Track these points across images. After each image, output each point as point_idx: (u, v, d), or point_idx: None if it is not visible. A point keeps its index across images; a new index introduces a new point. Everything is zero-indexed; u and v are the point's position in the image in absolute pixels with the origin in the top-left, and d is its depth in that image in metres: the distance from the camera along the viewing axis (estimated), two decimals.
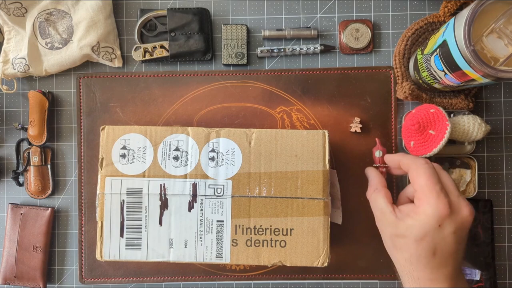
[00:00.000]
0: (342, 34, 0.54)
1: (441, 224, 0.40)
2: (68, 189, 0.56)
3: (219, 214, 0.46)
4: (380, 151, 0.49)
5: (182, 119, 0.54)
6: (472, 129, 0.48)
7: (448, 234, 0.40)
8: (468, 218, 0.41)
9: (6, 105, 0.56)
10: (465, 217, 0.41)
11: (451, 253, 0.41)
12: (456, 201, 0.41)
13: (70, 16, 0.54)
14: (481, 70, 0.39)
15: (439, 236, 0.40)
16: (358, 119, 0.53)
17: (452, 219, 0.40)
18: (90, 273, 0.55)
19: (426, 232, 0.40)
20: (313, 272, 0.54)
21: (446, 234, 0.40)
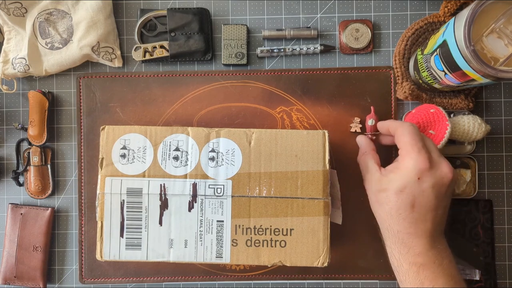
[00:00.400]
0: (342, 34, 0.54)
1: (420, 177, 0.42)
2: (68, 189, 0.56)
3: (219, 214, 0.46)
4: (373, 119, 0.51)
5: (182, 119, 0.54)
6: (472, 129, 0.48)
7: (426, 188, 0.42)
8: (447, 174, 0.42)
9: (6, 105, 0.56)
10: (444, 173, 0.42)
11: (430, 208, 0.42)
12: (436, 158, 0.43)
13: (70, 16, 0.54)
14: (481, 70, 0.39)
15: (418, 189, 0.42)
16: (358, 119, 0.53)
17: (431, 173, 0.42)
18: (90, 273, 0.55)
19: (406, 184, 0.42)
20: (313, 272, 0.54)
21: (425, 188, 0.42)
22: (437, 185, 0.42)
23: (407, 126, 0.44)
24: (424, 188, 0.42)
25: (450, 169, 0.43)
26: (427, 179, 0.42)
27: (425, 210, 0.43)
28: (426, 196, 0.42)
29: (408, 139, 0.43)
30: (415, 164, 0.42)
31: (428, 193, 0.42)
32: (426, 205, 0.42)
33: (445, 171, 0.43)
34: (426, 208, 0.42)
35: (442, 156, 0.44)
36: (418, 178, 0.42)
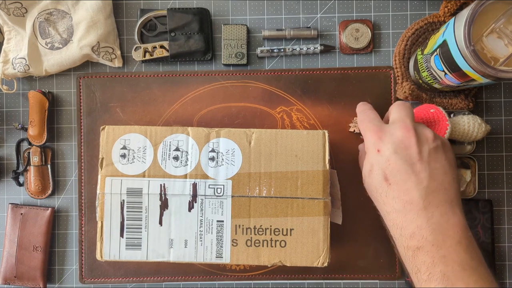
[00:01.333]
0: (342, 34, 0.54)
1: (379, 149, 0.41)
2: (68, 189, 0.56)
3: (219, 214, 0.46)
4: None
5: (182, 119, 0.54)
6: (472, 129, 0.48)
7: (389, 155, 0.40)
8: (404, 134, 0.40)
9: (6, 105, 0.56)
10: (400, 135, 0.40)
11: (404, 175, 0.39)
12: (391, 126, 0.41)
13: (70, 16, 0.54)
14: (481, 70, 0.39)
15: (382, 159, 0.40)
16: (357, 119, 0.53)
17: (387, 141, 0.40)
18: (90, 273, 0.55)
19: (371, 162, 0.41)
20: (313, 272, 0.54)
21: (388, 155, 0.40)
22: (399, 148, 0.39)
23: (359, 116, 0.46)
24: (387, 157, 0.40)
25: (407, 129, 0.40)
26: (385, 147, 0.40)
27: (401, 178, 0.39)
28: (393, 163, 0.39)
29: (362, 126, 0.44)
30: (369, 140, 0.42)
31: (393, 159, 0.39)
32: (399, 171, 0.39)
33: (401, 133, 0.40)
34: (400, 175, 0.39)
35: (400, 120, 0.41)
36: (377, 151, 0.41)
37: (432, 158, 0.39)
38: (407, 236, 0.38)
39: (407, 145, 0.40)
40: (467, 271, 0.35)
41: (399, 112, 0.43)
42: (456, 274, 0.35)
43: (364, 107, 0.47)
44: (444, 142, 0.42)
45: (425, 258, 0.36)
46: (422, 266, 0.36)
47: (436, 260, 0.35)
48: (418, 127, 0.41)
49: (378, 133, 0.41)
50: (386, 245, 0.53)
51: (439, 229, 0.36)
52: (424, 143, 0.40)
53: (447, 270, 0.35)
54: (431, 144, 0.40)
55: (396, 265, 0.53)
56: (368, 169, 0.42)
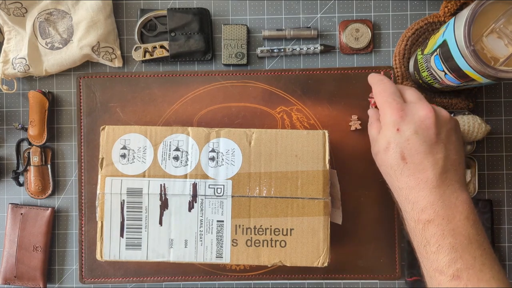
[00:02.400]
0: (342, 34, 0.54)
1: (399, 128, 0.41)
2: (68, 189, 0.56)
3: (219, 214, 0.46)
4: None
5: (182, 119, 0.54)
6: (472, 129, 0.48)
7: (410, 135, 0.40)
8: (427, 115, 0.40)
9: (6, 105, 0.56)
10: (422, 115, 0.40)
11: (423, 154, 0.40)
12: (412, 105, 0.42)
13: (70, 16, 0.54)
14: (481, 70, 0.39)
15: (402, 139, 0.40)
16: (355, 117, 0.53)
17: (408, 121, 0.40)
18: (90, 273, 0.55)
19: (389, 139, 0.41)
20: (313, 272, 0.54)
21: (408, 135, 0.40)
22: (420, 129, 0.40)
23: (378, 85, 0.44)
24: (407, 137, 0.40)
25: (429, 109, 0.41)
26: (406, 127, 0.40)
27: (418, 158, 0.40)
28: (413, 143, 0.40)
29: (379, 97, 0.43)
30: (390, 117, 0.41)
31: (413, 139, 0.40)
32: (417, 152, 0.40)
33: (423, 113, 0.40)
34: (418, 156, 0.40)
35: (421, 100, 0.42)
36: (397, 130, 0.41)
37: (448, 139, 0.41)
38: (419, 210, 0.39)
39: (428, 126, 0.40)
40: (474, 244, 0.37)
41: (413, 93, 0.44)
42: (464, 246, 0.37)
43: (380, 77, 0.46)
44: (456, 122, 0.43)
45: (435, 230, 0.38)
46: (432, 238, 0.38)
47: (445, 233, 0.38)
48: (436, 107, 0.42)
49: (399, 112, 0.41)
50: (386, 245, 0.53)
51: (450, 204, 0.39)
52: (443, 124, 0.41)
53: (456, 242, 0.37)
54: (448, 125, 0.41)
55: (396, 265, 0.53)
56: (384, 146, 0.42)
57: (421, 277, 0.42)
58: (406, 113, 0.41)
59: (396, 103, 0.42)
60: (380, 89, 0.44)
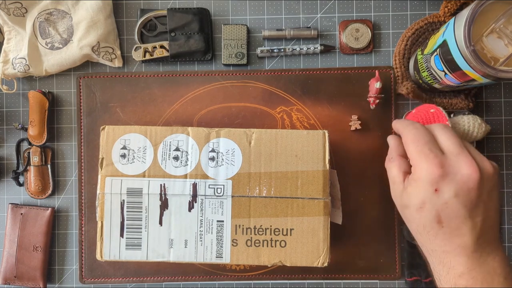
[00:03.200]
0: (342, 34, 0.54)
1: (438, 188, 0.36)
2: (68, 189, 0.56)
3: (219, 214, 0.46)
4: (380, 82, 0.50)
5: (182, 119, 0.54)
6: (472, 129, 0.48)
7: (449, 198, 0.36)
8: (471, 176, 0.36)
9: (6, 105, 0.56)
10: (466, 175, 0.36)
11: (462, 219, 0.36)
12: (453, 160, 0.37)
13: (70, 16, 0.54)
14: (481, 70, 0.39)
15: (440, 202, 0.36)
16: (355, 116, 0.53)
17: (449, 180, 0.36)
18: (90, 273, 0.55)
19: (424, 199, 0.37)
20: (313, 272, 0.54)
21: (447, 199, 0.36)
22: (462, 191, 0.36)
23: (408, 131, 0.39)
24: (446, 200, 0.36)
25: (474, 168, 0.36)
26: (447, 189, 0.36)
27: (456, 223, 0.36)
28: (451, 207, 0.36)
29: (412, 145, 0.38)
30: (427, 174, 0.36)
31: (453, 204, 0.36)
32: (455, 217, 0.36)
33: (467, 173, 0.36)
34: (456, 220, 0.36)
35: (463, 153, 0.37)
36: (435, 190, 0.36)
37: (489, 198, 0.37)
38: (456, 275, 0.37)
39: (470, 188, 0.36)
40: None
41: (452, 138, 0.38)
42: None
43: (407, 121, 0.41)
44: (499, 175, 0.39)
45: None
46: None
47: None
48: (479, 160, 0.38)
49: (439, 168, 0.36)
50: (386, 245, 0.53)
51: (488, 269, 0.36)
52: (486, 183, 0.37)
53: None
54: (491, 182, 0.37)
55: (396, 265, 0.53)
56: (418, 205, 0.37)
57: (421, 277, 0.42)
58: (447, 172, 0.36)
59: (434, 156, 0.37)
60: (412, 137, 0.39)
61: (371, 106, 0.52)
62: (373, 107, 0.52)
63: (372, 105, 0.52)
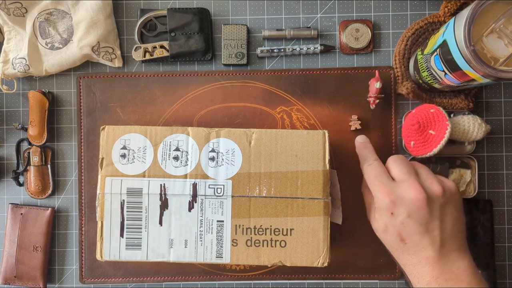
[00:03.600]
0: (342, 34, 0.54)
1: (393, 212, 0.42)
2: (68, 189, 0.56)
3: (219, 214, 0.46)
4: (380, 82, 0.51)
5: (182, 119, 0.54)
6: (472, 129, 0.48)
7: (404, 219, 0.41)
8: (416, 196, 0.41)
9: (6, 105, 0.56)
10: (412, 198, 0.41)
11: (419, 236, 0.41)
12: (401, 186, 0.42)
13: (70, 16, 0.54)
14: (481, 70, 0.39)
15: (397, 223, 0.42)
16: (355, 117, 0.53)
17: (399, 204, 0.41)
18: (90, 273, 0.55)
19: (385, 223, 0.43)
20: (313, 272, 0.54)
21: (402, 220, 0.41)
22: (413, 211, 0.41)
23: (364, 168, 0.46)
24: (401, 221, 0.41)
25: (418, 190, 0.41)
26: (399, 211, 0.41)
27: (416, 239, 0.41)
28: (408, 226, 0.41)
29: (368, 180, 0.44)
30: (381, 202, 0.42)
31: (408, 223, 0.41)
32: (414, 234, 0.41)
33: (413, 195, 0.41)
34: (416, 236, 0.41)
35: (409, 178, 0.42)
36: (391, 214, 0.42)
37: (443, 213, 0.42)
38: (424, 284, 0.41)
39: (420, 207, 0.41)
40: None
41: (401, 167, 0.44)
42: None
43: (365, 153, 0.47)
44: (451, 191, 0.43)
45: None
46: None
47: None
48: (425, 183, 0.42)
49: (389, 195, 0.42)
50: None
51: (452, 276, 0.40)
52: (435, 201, 0.42)
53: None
54: (441, 200, 0.42)
55: (396, 265, 0.53)
56: (382, 228, 0.43)
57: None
58: (397, 197, 0.42)
59: (385, 186, 0.42)
60: (368, 173, 0.45)
61: (371, 106, 0.52)
62: (373, 107, 0.52)
63: (372, 105, 0.52)
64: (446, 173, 0.52)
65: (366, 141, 0.49)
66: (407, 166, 0.44)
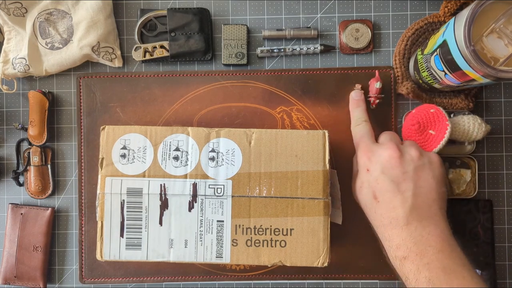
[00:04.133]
0: (342, 34, 0.54)
1: (369, 169, 0.44)
2: (68, 189, 0.56)
3: (219, 214, 0.46)
4: (380, 82, 0.51)
5: (182, 119, 0.54)
6: (472, 129, 0.48)
7: (378, 175, 0.43)
8: (391, 154, 0.42)
9: (6, 105, 0.56)
10: (386, 156, 0.43)
11: (391, 194, 0.42)
12: (380, 146, 0.44)
13: (70, 16, 0.54)
14: (481, 70, 0.39)
15: (372, 179, 0.43)
16: (359, 86, 0.53)
17: (375, 161, 0.43)
18: (90, 273, 0.55)
19: (362, 179, 0.45)
20: (313, 272, 0.54)
21: (376, 175, 0.43)
22: (386, 168, 0.42)
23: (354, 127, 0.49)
24: (375, 177, 0.43)
25: (393, 149, 0.43)
26: (374, 167, 0.43)
27: (388, 196, 0.42)
28: (381, 183, 0.42)
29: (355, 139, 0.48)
30: (360, 160, 0.45)
31: (381, 179, 0.42)
32: (386, 191, 0.42)
33: (388, 153, 0.43)
34: (387, 194, 0.42)
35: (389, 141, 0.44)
36: (367, 170, 0.44)
37: (417, 176, 0.42)
38: (394, 248, 0.41)
39: (393, 165, 0.42)
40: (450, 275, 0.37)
41: (386, 135, 0.46)
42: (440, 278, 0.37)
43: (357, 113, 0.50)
44: (431, 159, 0.44)
45: (411, 266, 0.39)
46: (409, 274, 0.39)
47: (420, 268, 0.38)
48: (405, 147, 0.44)
49: (367, 153, 0.45)
50: None
51: (421, 240, 0.39)
52: (409, 162, 0.43)
53: (432, 275, 0.38)
54: (416, 162, 0.43)
55: None
56: (359, 186, 0.45)
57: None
58: (373, 154, 0.44)
59: (365, 145, 0.45)
60: (355, 132, 0.48)
61: (371, 106, 0.52)
62: (373, 107, 0.52)
63: (372, 105, 0.52)
64: (446, 173, 0.52)
65: (360, 98, 0.51)
66: (393, 135, 0.46)
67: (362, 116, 0.49)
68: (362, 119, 0.49)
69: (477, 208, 0.53)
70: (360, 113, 0.50)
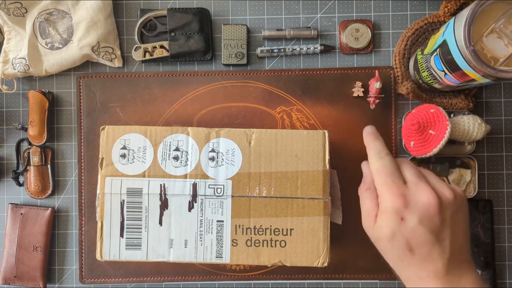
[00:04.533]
0: (342, 34, 0.54)
1: (403, 217, 0.38)
2: (68, 189, 0.56)
3: (219, 214, 0.46)
4: (380, 82, 0.51)
5: (182, 119, 0.54)
6: (472, 129, 0.48)
7: (414, 226, 0.38)
8: (430, 202, 0.38)
9: (6, 105, 0.56)
10: (425, 203, 0.38)
11: (430, 246, 0.38)
12: (413, 189, 0.39)
13: (70, 16, 0.54)
14: (481, 70, 0.39)
15: (407, 230, 0.38)
16: (360, 83, 0.53)
17: (411, 209, 0.38)
18: (90, 273, 0.55)
19: (393, 230, 0.39)
20: (313, 272, 0.54)
21: (413, 226, 0.38)
22: (425, 218, 0.38)
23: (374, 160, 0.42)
24: (412, 228, 0.38)
25: (432, 195, 0.38)
26: (410, 217, 0.38)
27: (426, 249, 0.38)
28: (418, 234, 0.38)
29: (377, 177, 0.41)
30: (391, 205, 0.39)
31: (419, 231, 0.38)
32: (424, 243, 0.38)
33: (424, 201, 0.38)
34: (426, 246, 0.38)
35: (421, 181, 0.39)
36: (401, 219, 0.38)
37: (453, 221, 0.39)
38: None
39: (432, 214, 0.38)
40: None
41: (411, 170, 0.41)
42: None
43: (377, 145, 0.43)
44: (462, 198, 0.41)
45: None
46: None
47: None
48: (438, 187, 0.40)
49: (401, 198, 0.38)
50: None
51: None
52: (447, 207, 0.39)
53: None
54: (453, 207, 0.39)
55: None
56: (389, 236, 0.39)
57: None
58: (409, 200, 0.38)
59: (397, 187, 0.39)
60: (378, 167, 0.41)
61: (371, 106, 0.52)
62: (373, 107, 0.52)
63: (372, 105, 0.52)
64: (446, 173, 0.52)
65: (376, 132, 0.45)
66: (417, 169, 0.41)
67: (384, 149, 0.43)
68: (385, 151, 0.43)
69: (477, 208, 0.53)
70: (381, 146, 0.43)
